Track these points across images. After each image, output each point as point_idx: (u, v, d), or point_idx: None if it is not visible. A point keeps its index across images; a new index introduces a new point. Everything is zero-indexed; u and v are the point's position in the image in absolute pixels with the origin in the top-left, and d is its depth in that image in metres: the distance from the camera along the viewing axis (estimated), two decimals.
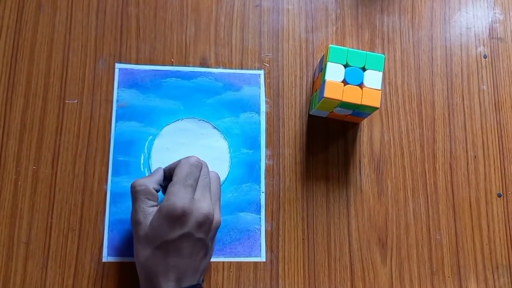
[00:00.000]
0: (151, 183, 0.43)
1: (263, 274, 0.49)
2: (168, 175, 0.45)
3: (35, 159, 0.49)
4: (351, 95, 0.47)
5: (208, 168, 0.45)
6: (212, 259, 0.48)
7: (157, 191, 0.44)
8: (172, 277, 0.41)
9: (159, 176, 0.45)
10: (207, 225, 0.42)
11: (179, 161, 0.44)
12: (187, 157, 0.44)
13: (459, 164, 0.54)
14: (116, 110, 0.51)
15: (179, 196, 0.41)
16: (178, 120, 0.52)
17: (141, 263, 0.42)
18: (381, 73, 0.48)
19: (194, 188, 0.42)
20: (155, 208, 0.42)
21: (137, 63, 0.53)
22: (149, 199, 0.42)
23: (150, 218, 0.41)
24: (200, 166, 0.44)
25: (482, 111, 0.55)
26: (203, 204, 0.42)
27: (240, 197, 0.51)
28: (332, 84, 0.47)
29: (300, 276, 0.49)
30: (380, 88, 0.47)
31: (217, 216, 0.43)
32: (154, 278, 0.41)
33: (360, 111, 0.49)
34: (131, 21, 0.54)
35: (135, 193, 0.43)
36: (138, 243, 0.42)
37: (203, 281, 0.45)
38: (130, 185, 0.43)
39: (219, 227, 0.44)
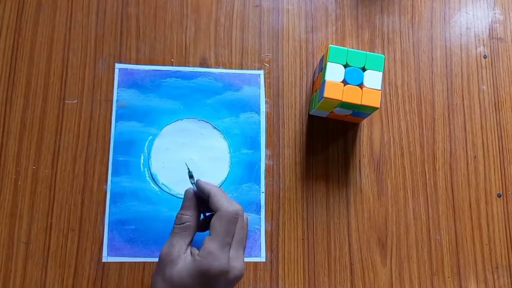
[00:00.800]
0: (195, 216, 0.42)
1: (263, 274, 0.49)
2: (202, 196, 0.43)
3: (35, 159, 0.49)
4: (351, 95, 0.47)
5: (243, 218, 0.43)
6: None
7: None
8: None
9: (195, 202, 0.43)
10: (235, 283, 0.41)
11: (219, 205, 0.41)
12: (227, 207, 0.41)
13: (459, 164, 0.54)
14: (116, 110, 0.51)
15: (217, 258, 0.40)
16: (178, 120, 0.52)
17: None
18: (381, 73, 0.48)
19: (230, 244, 0.41)
20: (190, 249, 0.41)
21: (137, 63, 0.53)
22: (190, 235, 0.42)
23: (182, 258, 0.40)
24: (236, 221, 0.42)
25: (482, 111, 0.55)
26: (238, 263, 0.41)
27: (240, 197, 0.51)
28: (332, 84, 0.47)
29: (300, 276, 0.49)
30: (380, 88, 0.47)
31: (242, 269, 0.42)
32: None
33: (360, 111, 0.49)
34: (131, 21, 0.54)
35: (179, 228, 0.42)
36: (162, 281, 0.40)
37: None
38: (174, 216, 0.42)
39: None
